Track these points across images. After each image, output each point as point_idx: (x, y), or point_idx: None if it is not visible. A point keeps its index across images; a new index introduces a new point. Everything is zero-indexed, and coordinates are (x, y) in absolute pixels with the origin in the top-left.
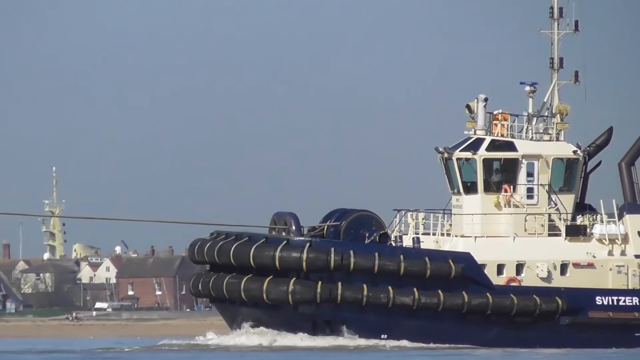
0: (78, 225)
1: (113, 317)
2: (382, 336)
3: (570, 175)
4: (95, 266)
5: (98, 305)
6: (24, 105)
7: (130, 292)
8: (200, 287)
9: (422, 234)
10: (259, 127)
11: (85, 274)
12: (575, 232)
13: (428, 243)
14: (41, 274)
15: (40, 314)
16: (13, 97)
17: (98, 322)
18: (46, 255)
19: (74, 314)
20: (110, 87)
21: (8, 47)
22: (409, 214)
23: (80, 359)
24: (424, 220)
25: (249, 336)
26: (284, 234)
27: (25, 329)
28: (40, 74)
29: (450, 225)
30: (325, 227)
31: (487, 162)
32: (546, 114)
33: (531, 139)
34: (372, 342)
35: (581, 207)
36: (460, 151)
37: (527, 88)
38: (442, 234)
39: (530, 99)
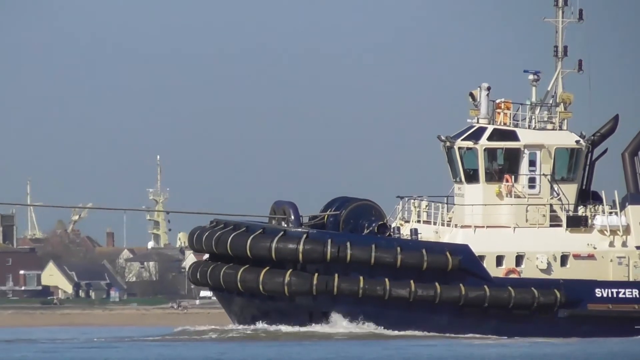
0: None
1: (217, 305)
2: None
3: (573, 164)
4: (199, 255)
5: (203, 293)
6: (131, 94)
7: None
8: (198, 276)
9: (424, 222)
10: (265, 115)
11: (189, 262)
12: (577, 222)
13: (428, 233)
14: (145, 263)
15: (144, 302)
16: (119, 87)
17: (202, 310)
18: (150, 244)
19: (178, 302)
20: (201, 78)
21: (116, 38)
22: (412, 201)
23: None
24: (426, 208)
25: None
26: (283, 223)
27: (129, 317)
28: (140, 67)
29: (453, 213)
30: (326, 216)
31: (488, 152)
32: (550, 103)
33: (534, 128)
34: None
35: (586, 194)
36: (462, 140)
37: (531, 77)
38: (443, 224)
39: (534, 88)
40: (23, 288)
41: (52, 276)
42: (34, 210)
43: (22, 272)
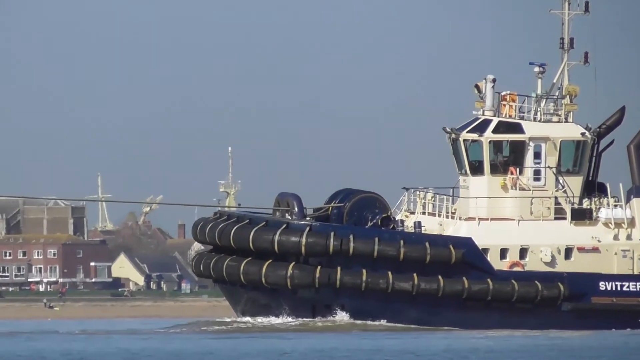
0: (255, 204)
1: None
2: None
3: (579, 157)
4: None
5: None
6: (202, 87)
7: None
8: (202, 268)
9: (429, 214)
10: (273, 105)
11: None
12: (581, 215)
13: (432, 225)
14: None
15: (215, 294)
16: (190, 80)
17: None
18: None
19: None
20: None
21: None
22: (417, 192)
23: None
24: (432, 200)
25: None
26: (287, 215)
27: (200, 309)
28: (210, 60)
29: (458, 205)
30: (330, 208)
31: (494, 144)
32: (556, 95)
33: (540, 120)
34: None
35: (592, 186)
36: (467, 132)
37: (536, 69)
38: (448, 216)
39: (539, 80)
40: (94, 280)
41: (122, 268)
42: (104, 202)
43: (92, 264)
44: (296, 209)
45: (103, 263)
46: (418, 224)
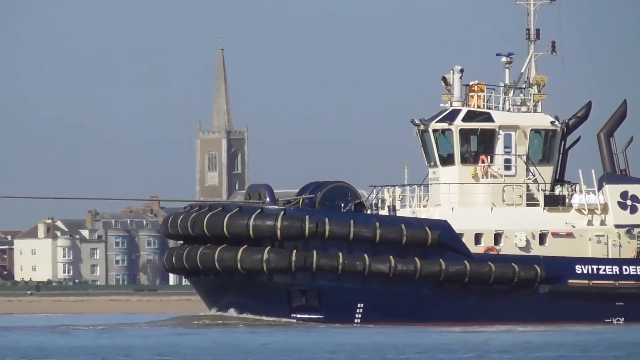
0: None
1: None
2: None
3: (549, 146)
4: None
5: None
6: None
7: None
8: (174, 261)
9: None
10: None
11: None
12: (554, 202)
13: (404, 214)
14: None
15: None
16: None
17: None
18: None
19: None
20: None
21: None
22: (386, 189)
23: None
24: (401, 195)
25: None
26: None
27: None
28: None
29: (428, 196)
30: (301, 200)
31: (463, 133)
32: (523, 86)
33: (508, 111)
34: None
35: (560, 182)
36: (436, 122)
37: (504, 59)
38: (420, 205)
39: (507, 70)
40: None
41: None
42: None
43: None
44: (268, 199)
45: None
46: (392, 208)
